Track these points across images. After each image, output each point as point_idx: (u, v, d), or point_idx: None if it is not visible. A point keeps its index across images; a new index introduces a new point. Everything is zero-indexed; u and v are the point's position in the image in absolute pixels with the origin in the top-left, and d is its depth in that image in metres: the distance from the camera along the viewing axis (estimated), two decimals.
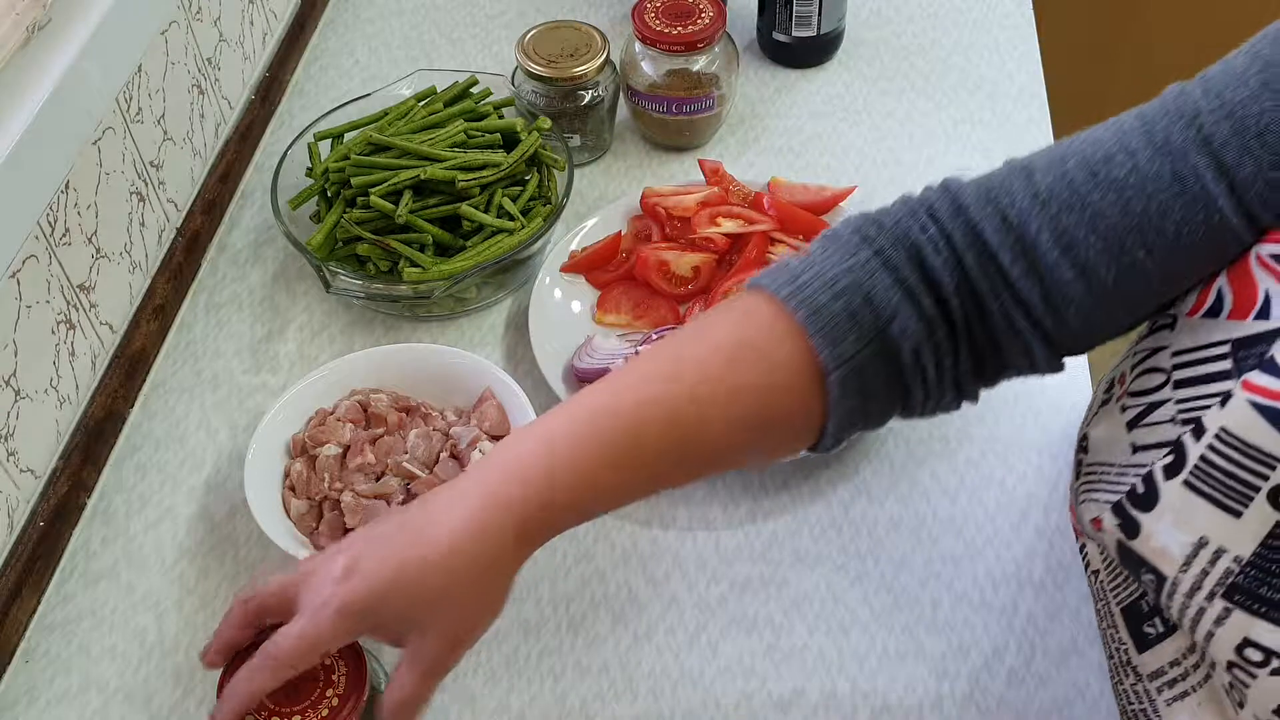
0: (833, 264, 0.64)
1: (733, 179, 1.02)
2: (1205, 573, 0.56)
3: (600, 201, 1.06)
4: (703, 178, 1.03)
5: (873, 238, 0.64)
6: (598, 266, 0.98)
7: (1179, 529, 0.56)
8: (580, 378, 0.89)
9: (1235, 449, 0.54)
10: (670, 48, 1.03)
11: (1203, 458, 0.55)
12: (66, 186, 0.82)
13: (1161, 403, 0.60)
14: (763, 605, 0.80)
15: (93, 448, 0.86)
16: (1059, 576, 0.81)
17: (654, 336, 0.90)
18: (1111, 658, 0.68)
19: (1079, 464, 0.65)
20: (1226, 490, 0.55)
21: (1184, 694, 0.63)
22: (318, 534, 0.80)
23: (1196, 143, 0.59)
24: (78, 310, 0.85)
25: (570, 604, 0.80)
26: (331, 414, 0.85)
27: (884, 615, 0.79)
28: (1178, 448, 0.56)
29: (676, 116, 1.07)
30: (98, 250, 0.87)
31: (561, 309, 0.96)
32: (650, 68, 1.06)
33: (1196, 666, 0.61)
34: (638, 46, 1.06)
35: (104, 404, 0.88)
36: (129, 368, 0.91)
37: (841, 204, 1.00)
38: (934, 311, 0.63)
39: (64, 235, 0.82)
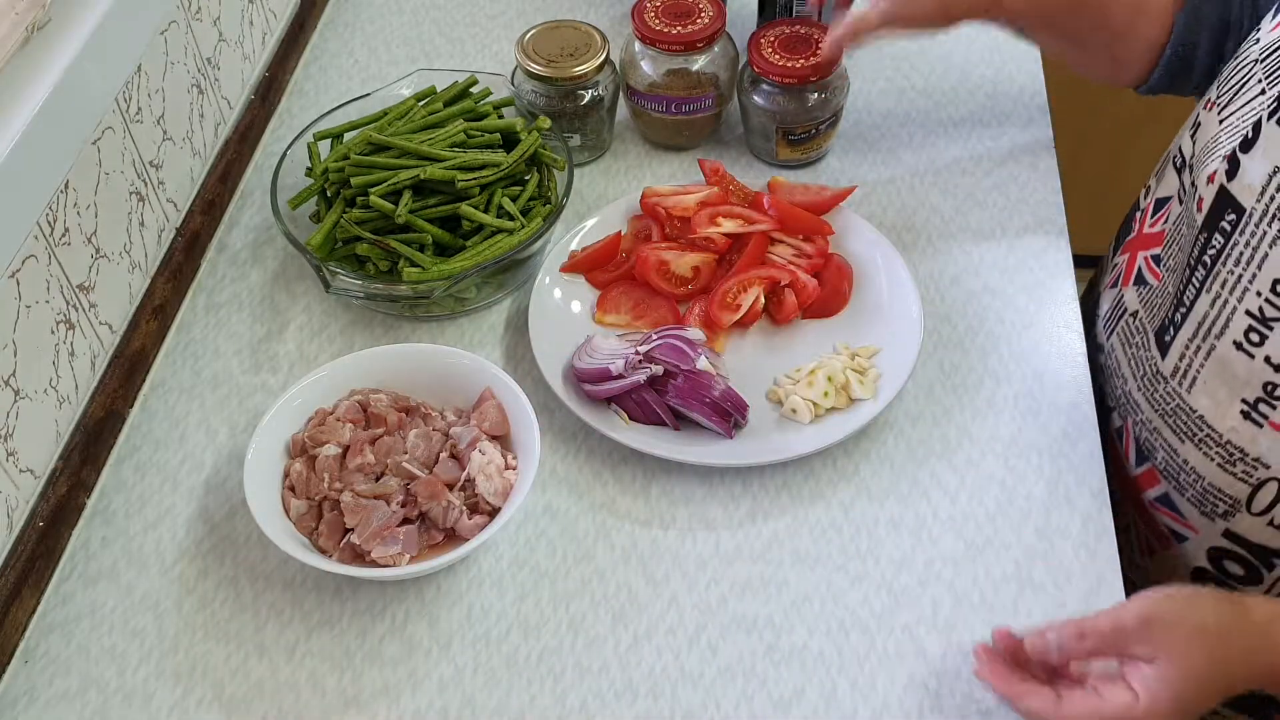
0: None
1: (733, 179, 1.02)
2: (1273, 198, 0.72)
3: (600, 201, 1.06)
4: (703, 178, 1.03)
5: None
6: (597, 266, 0.98)
7: (1265, 159, 0.72)
8: (580, 378, 0.89)
9: None
10: (670, 47, 1.03)
11: None
12: (66, 186, 0.82)
13: (1250, 78, 0.77)
14: (763, 605, 0.80)
15: (92, 448, 0.86)
16: (1059, 577, 0.81)
17: (654, 337, 0.90)
18: (1144, 376, 0.86)
19: (1180, 153, 0.85)
20: None
21: (1194, 379, 0.80)
22: (317, 534, 0.80)
23: None
24: (77, 310, 0.85)
25: (570, 604, 0.80)
26: (331, 414, 0.85)
27: (884, 615, 0.79)
28: None
29: (676, 116, 1.07)
30: (97, 250, 0.87)
31: (561, 309, 0.96)
32: (650, 67, 1.06)
33: (1197, 350, 0.79)
34: (637, 46, 1.05)
35: (103, 404, 0.88)
36: (128, 368, 0.91)
37: (841, 204, 1.00)
38: None
39: (63, 235, 0.82)
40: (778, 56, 1.02)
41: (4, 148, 0.71)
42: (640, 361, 0.87)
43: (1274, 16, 0.80)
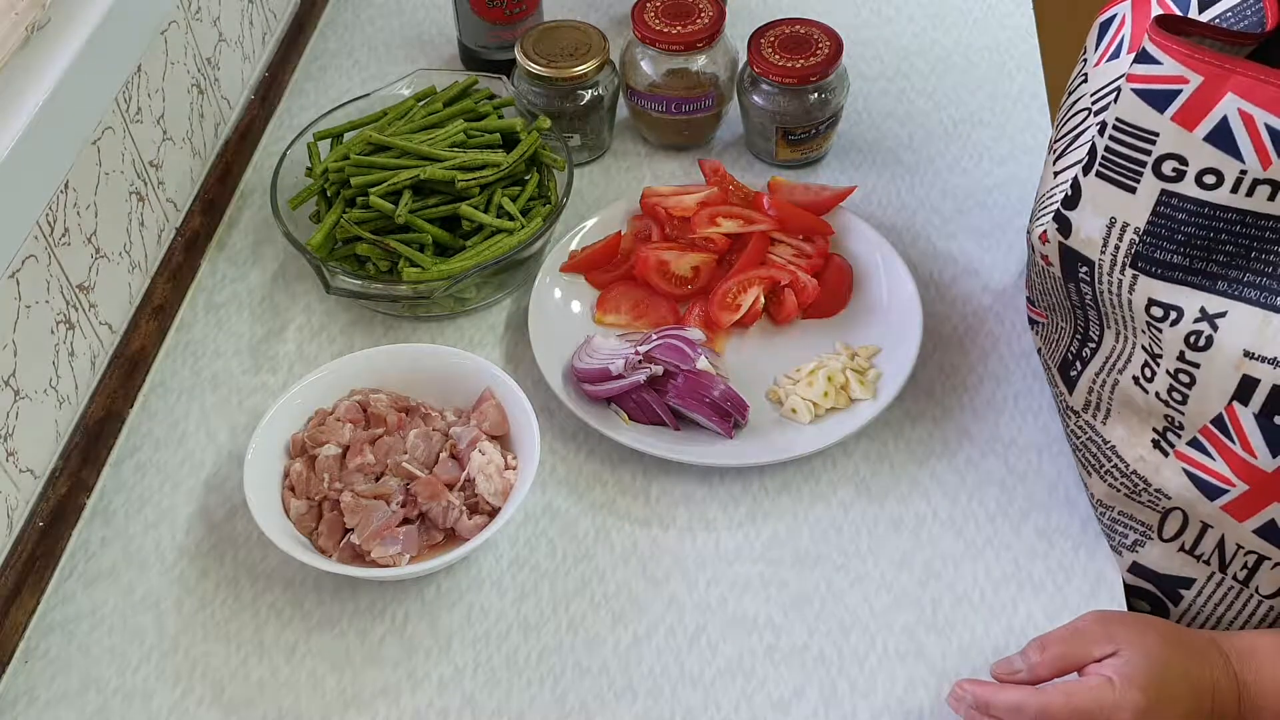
0: None
1: (733, 179, 1.02)
2: (1117, 248, 0.71)
3: (600, 201, 1.06)
4: (703, 178, 1.03)
5: None
6: (597, 266, 0.98)
7: (1096, 214, 0.71)
8: (580, 378, 0.89)
9: (1126, 133, 0.68)
10: (670, 47, 1.03)
11: (1107, 148, 0.69)
12: (66, 186, 0.82)
13: (1085, 128, 0.75)
14: (763, 605, 0.80)
15: (92, 448, 0.86)
16: (1059, 577, 0.81)
17: (654, 337, 0.90)
18: (1061, 413, 0.85)
19: (1033, 213, 0.81)
20: (1123, 170, 0.69)
21: (1107, 412, 0.79)
22: (317, 534, 0.81)
23: None
24: (77, 310, 0.85)
25: (570, 604, 0.80)
26: (331, 414, 0.85)
27: (884, 615, 0.79)
28: (1091, 150, 0.70)
29: (676, 116, 1.07)
30: (97, 250, 0.87)
31: (561, 309, 0.96)
32: (650, 67, 1.06)
33: (1104, 384, 0.78)
34: (638, 46, 1.05)
35: (103, 404, 0.88)
36: (128, 368, 0.91)
37: (841, 204, 1.00)
38: None
39: (63, 235, 0.82)
40: (778, 56, 1.02)
41: (4, 148, 0.71)
42: (640, 361, 0.87)
43: (1098, 44, 0.78)
